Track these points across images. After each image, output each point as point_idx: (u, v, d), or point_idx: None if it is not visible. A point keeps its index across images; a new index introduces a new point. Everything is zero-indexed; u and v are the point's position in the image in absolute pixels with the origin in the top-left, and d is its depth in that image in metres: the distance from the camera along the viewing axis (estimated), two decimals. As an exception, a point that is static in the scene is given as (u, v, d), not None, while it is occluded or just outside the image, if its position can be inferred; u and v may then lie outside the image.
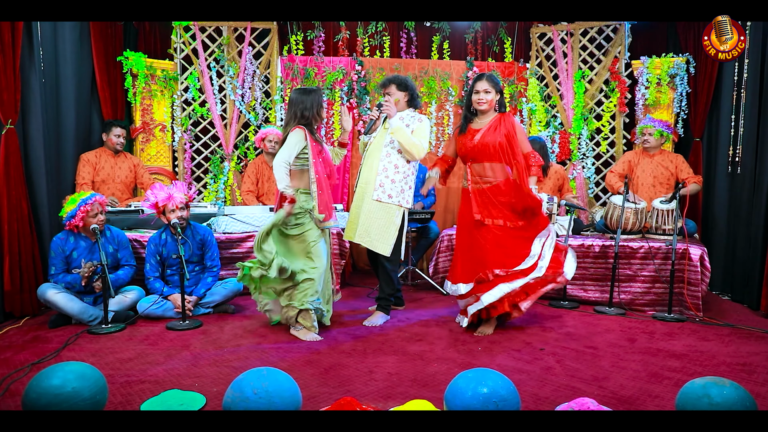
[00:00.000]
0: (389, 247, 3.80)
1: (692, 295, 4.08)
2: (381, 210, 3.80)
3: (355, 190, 4.00)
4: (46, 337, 3.54)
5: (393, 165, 3.83)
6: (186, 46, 5.69)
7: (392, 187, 3.80)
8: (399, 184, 3.81)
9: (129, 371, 2.96)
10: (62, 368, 2.17)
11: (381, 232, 3.79)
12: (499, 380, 2.11)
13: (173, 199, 3.97)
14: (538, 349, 3.38)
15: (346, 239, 4.02)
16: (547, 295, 4.53)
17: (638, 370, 3.01)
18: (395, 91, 3.90)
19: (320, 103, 3.64)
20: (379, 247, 3.79)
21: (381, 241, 3.79)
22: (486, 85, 3.60)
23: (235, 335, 3.63)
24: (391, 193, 3.80)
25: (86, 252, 3.88)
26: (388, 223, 3.79)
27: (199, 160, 5.91)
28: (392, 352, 3.32)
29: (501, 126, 3.58)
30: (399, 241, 3.85)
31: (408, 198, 3.86)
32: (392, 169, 3.82)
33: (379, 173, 3.82)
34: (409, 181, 3.87)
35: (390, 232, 3.79)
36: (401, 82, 3.91)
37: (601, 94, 5.80)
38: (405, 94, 3.92)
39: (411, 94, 3.94)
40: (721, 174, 4.93)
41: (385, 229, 3.79)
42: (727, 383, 2.03)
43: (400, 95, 3.90)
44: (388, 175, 3.81)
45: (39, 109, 4.11)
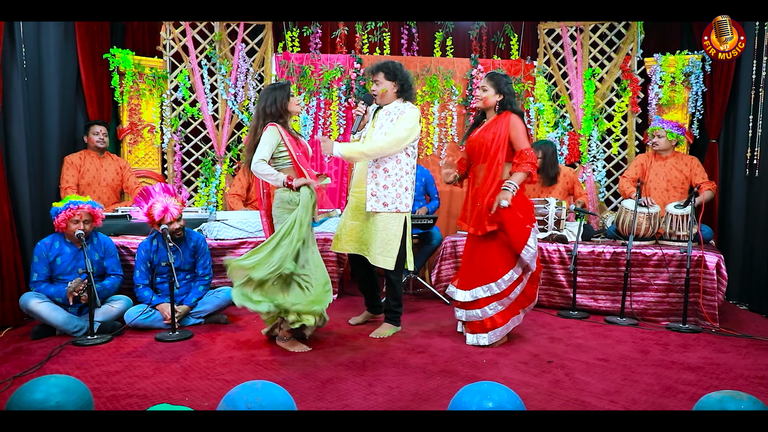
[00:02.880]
0: (392, 260, 3.72)
1: (708, 304, 4.09)
2: (379, 221, 3.72)
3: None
4: (29, 349, 3.54)
5: (382, 169, 3.72)
6: (176, 42, 5.71)
7: (386, 193, 3.71)
8: (393, 188, 3.71)
9: (116, 385, 2.96)
10: (46, 381, 2.17)
11: (383, 246, 3.70)
12: (505, 394, 2.11)
13: (169, 212, 3.96)
14: (546, 361, 3.38)
15: (336, 251, 3.94)
16: (555, 304, 4.57)
17: (651, 384, 3.02)
18: (383, 80, 3.73)
19: (285, 96, 3.52)
20: (380, 261, 3.71)
21: (383, 255, 3.71)
22: (484, 83, 3.61)
23: (227, 347, 3.64)
24: (386, 201, 3.71)
25: (71, 259, 3.89)
26: (388, 235, 3.70)
27: (189, 162, 5.93)
28: (392, 364, 3.32)
29: (494, 124, 3.58)
30: (403, 251, 3.77)
31: (406, 201, 3.75)
32: (382, 174, 3.72)
33: (369, 181, 3.72)
34: (404, 183, 3.74)
35: (392, 244, 3.71)
36: (390, 69, 3.72)
37: (612, 94, 5.83)
38: (394, 84, 3.74)
39: (401, 85, 3.75)
40: (738, 177, 4.95)
41: (387, 242, 3.70)
42: (744, 397, 2.04)
43: (388, 85, 3.73)
44: (378, 181, 3.71)
45: (21, 109, 4.13)
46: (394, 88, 3.76)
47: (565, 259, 4.49)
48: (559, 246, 4.52)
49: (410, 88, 3.80)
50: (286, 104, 3.54)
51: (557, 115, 5.94)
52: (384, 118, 3.78)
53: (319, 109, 5.94)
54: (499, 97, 3.58)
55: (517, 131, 3.51)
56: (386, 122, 3.75)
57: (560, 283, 4.53)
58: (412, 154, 3.80)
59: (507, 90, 3.58)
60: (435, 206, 5.46)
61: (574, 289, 4.40)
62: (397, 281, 3.89)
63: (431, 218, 5.03)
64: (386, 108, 3.80)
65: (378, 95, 3.78)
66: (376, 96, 3.80)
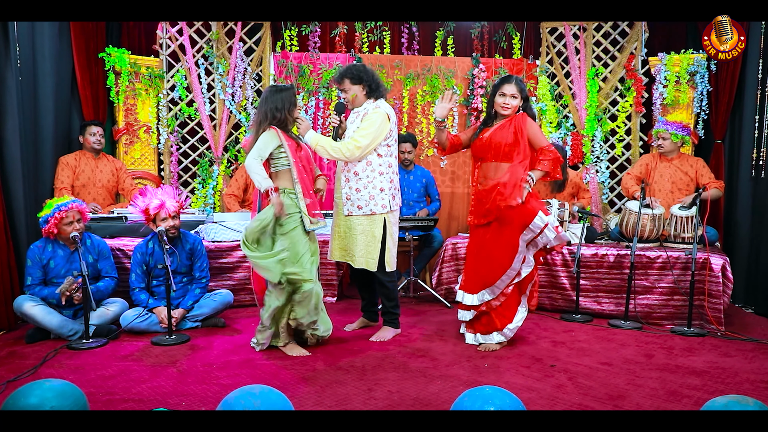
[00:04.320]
0: (374, 261, 3.76)
1: (713, 307, 4.09)
2: (357, 225, 3.76)
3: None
4: (23, 353, 3.55)
5: (353, 173, 3.75)
6: (172, 41, 5.72)
7: (359, 197, 3.74)
8: (365, 191, 3.73)
9: (111, 389, 2.97)
10: (40, 386, 2.18)
11: (364, 248, 3.75)
12: (507, 399, 2.12)
13: (165, 207, 3.98)
14: (549, 365, 3.39)
15: (331, 259, 3.97)
16: (558, 307, 4.57)
17: (656, 388, 3.02)
18: (350, 86, 3.76)
19: (293, 101, 3.59)
20: (363, 263, 3.76)
21: (365, 257, 3.75)
22: (514, 90, 3.59)
23: (224, 350, 3.64)
24: (359, 204, 3.74)
25: (64, 261, 3.90)
26: (368, 238, 3.75)
27: (186, 163, 5.94)
28: (393, 368, 3.33)
29: (511, 124, 3.61)
30: (384, 250, 3.79)
31: (382, 202, 3.75)
32: (353, 178, 3.75)
33: (343, 185, 3.78)
34: (377, 184, 3.74)
35: (373, 246, 3.75)
36: (354, 74, 3.74)
37: (616, 93, 5.84)
38: (362, 87, 3.75)
39: (369, 86, 3.75)
40: (744, 178, 4.95)
41: (367, 244, 3.75)
42: (750, 402, 2.04)
43: (356, 89, 3.75)
44: (351, 185, 3.75)
45: (15, 110, 4.13)
46: (363, 90, 3.77)
47: (568, 262, 4.49)
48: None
49: (378, 86, 3.80)
50: (293, 110, 3.59)
51: (560, 115, 5.95)
52: (356, 120, 3.80)
53: (317, 108, 5.95)
54: (521, 102, 3.65)
55: (535, 129, 3.62)
56: (356, 123, 3.78)
57: (563, 285, 4.53)
58: (386, 153, 3.79)
59: (526, 94, 3.68)
60: (436, 208, 5.47)
61: (577, 292, 4.41)
62: (387, 282, 3.89)
63: (432, 220, 5.04)
64: (356, 110, 3.83)
65: (349, 102, 3.82)
66: (347, 103, 3.83)
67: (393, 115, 3.79)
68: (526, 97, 3.65)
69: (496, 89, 3.65)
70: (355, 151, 3.62)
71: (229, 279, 4.64)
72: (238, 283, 4.64)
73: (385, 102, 3.83)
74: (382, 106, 3.75)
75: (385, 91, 3.90)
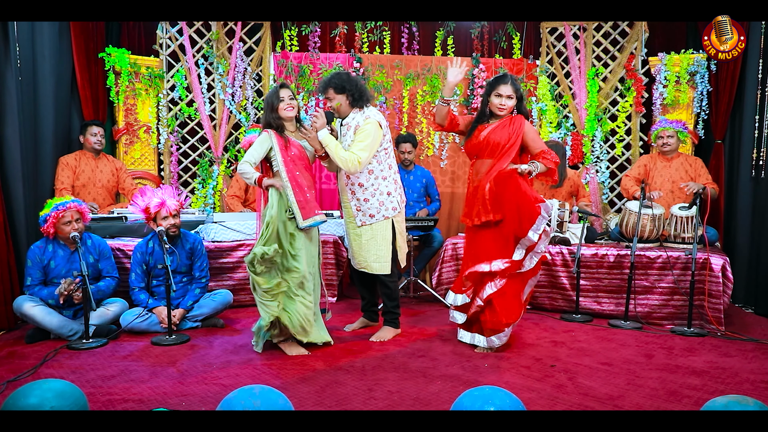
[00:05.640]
0: (388, 264, 3.82)
1: (713, 307, 4.09)
2: (369, 231, 3.80)
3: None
4: (23, 353, 3.55)
5: (358, 185, 3.76)
6: (172, 41, 5.73)
7: (368, 206, 3.76)
8: (374, 199, 3.76)
9: (111, 389, 2.97)
10: (40, 386, 2.18)
11: (376, 252, 3.80)
12: (507, 399, 2.12)
13: (166, 205, 3.98)
14: (549, 365, 3.39)
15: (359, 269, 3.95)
16: (558, 307, 4.57)
17: (656, 388, 3.03)
18: (334, 95, 3.74)
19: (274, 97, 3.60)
20: (377, 267, 3.81)
21: (378, 261, 3.81)
22: (510, 90, 3.57)
23: (224, 351, 3.65)
24: (371, 213, 3.77)
25: (65, 262, 3.90)
26: (380, 242, 3.80)
27: (186, 163, 5.95)
28: (392, 368, 3.33)
29: (510, 125, 3.60)
30: (395, 250, 3.86)
31: (392, 205, 3.80)
32: (359, 190, 3.76)
33: (351, 198, 3.80)
34: (383, 189, 3.77)
35: (385, 249, 3.80)
36: (337, 84, 3.73)
37: (616, 93, 5.84)
38: (345, 96, 3.73)
39: (352, 95, 3.73)
40: (744, 178, 4.95)
41: (379, 248, 3.80)
42: (750, 402, 2.04)
43: (340, 98, 3.73)
44: (358, 197, 3.77)
45: (15, 110, 4.13)
46: (347, 99, 3.75)
47: (568, 262, 4.49)
48: (561, 248, 4.53)
49: (362, 95, 3.77)
50: (277, 109, 3.58)
51: (560, 115, 5.95)
52: (346, 133, 3.78)
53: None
54: (516, 102, 3.63)
55: (533, 133, 3.63)
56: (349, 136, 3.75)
57: (563, 285, 4.53)
58: (384, 157, 3.80)
59: (521, 93, 3.66)
60: (436, 208, 5.47)
61: (577, 292, 4.41)
62: (390, 281, 3.91)
63: (432, 220, 5.04)
64: (345, 122, 3.81)
65: (335, 110, 3.81)
66: (334, 111, 3.82)
67: (383, 120, 3.78)
68: (521, 96, 3.64)
69: (492, 88, 3.62)
70: (358, 166, 3.63)
71: (229, 279, 4.64)
72: (238, 283, 4.65)
73: (373, 108, 3.82)
74: (372, 115, 3.73)
75: (371, 97, 3.88)
